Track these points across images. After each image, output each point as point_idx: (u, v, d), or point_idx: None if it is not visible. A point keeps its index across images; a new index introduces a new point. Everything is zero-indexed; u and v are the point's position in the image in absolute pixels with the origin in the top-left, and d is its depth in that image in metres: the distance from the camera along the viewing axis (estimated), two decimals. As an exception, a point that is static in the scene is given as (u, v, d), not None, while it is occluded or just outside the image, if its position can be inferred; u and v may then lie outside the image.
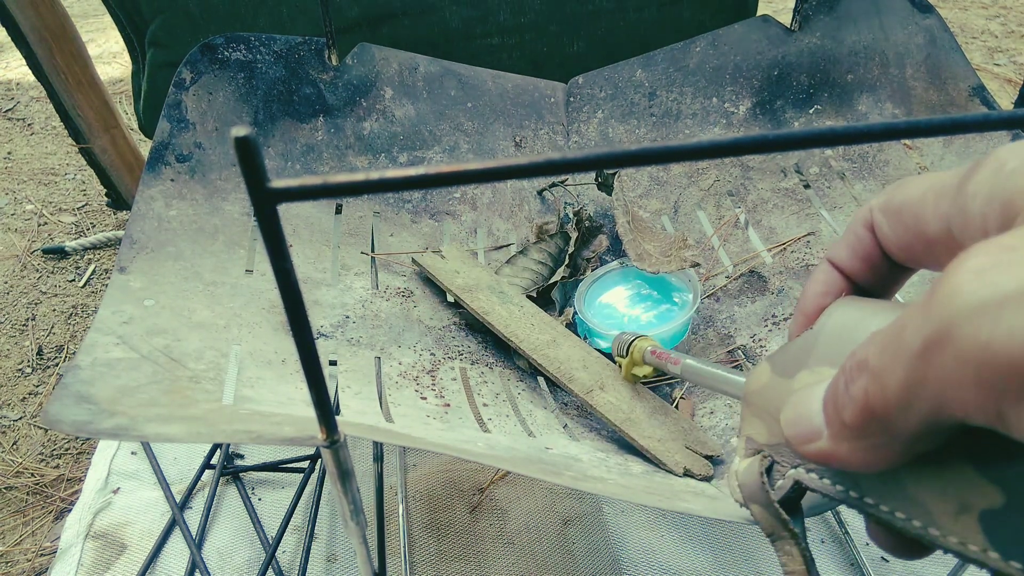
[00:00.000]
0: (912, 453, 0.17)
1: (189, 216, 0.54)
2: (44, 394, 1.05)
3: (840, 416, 0.18)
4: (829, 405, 0.19)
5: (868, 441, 0.17)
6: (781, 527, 0.22)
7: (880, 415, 0.17)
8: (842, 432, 0.18)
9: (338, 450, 0.22)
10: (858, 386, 0.17)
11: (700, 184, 0.70)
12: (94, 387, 0.34)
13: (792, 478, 0.22)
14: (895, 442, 0.17)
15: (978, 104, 0.62)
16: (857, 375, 0.17)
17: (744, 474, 0.23)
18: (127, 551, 0.55)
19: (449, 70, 0.70)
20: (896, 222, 0.22)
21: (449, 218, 0.67)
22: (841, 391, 0.18)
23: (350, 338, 0.52)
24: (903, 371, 0.16)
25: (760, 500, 0.22)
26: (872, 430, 0.17)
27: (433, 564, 0.54)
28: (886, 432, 0.17)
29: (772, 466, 0.22)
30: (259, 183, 0.15)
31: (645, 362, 0.45)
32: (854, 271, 0.24)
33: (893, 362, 0.16)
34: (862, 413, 0.17)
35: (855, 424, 0.17)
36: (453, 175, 0.15)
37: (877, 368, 0.16)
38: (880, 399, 0.16)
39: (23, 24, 0.95)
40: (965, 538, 0.17)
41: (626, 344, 0.47)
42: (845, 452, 0.18)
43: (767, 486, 0.22)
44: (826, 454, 0.19)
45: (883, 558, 0.54)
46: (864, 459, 0.18)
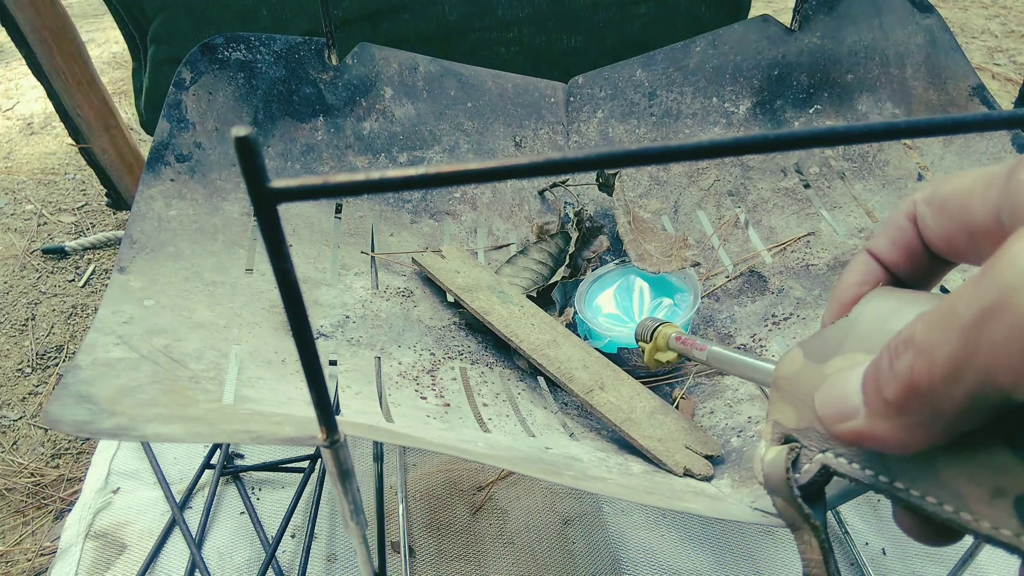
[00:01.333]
0: (951, 433, 0.17)
1: (189, 216, 0.54)
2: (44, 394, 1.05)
3: (881, 394, 0.18)
4: (869, 383, 0.19)
5: (908, 419, 0.17)
6: (802, 520, 0.22)
7: (925, 391, 0.16)
8: (882, 410, 0.18)
9: (338, 450, 0.22)
10: (903, 362, 0.17)
11: (700, 184, 0.70)
12: (94, 387, 0.34)
13: (820, 462, 0.22)
14: (936, 420, 0.17)
15: (978, 104, 0.62)
16: (903, 351, 0.17)
17: (770, 464, 0.23)
18: (127, 551, 0.55)
19: (449, 70, 0.70)
20: (940, 213, 0.22)
21: (449, 218, 0.67)
22: (884, 369, 0.18)
23: (350, 338, 0.52)
24: (953, 344, 0.15)
25: (783, 493, 0.22)
26: (914, 407, 0.17)
27: (433, 564, 0.54)
28: (928, 410, 0.17)
29: (799, 457, 0.22)
30: (259, 183, 0.15)
31: (669, 348, 0.45)
32: (894, 262, 0.24)
33: (943, 336, 0.16)
34: (906, 390, 0.17)
35: (897, 401, 0.17)
36: (453, 175, 0.15)
37: (925, 343, 0.16)
38: (926, 374, 0.16)
39: (23, 24, 0.95)
40: (998, 523, 0.17)
41: (650, 330, 0.47)
42: (882, 431, 0.18)
43: (792, 480, 0.22)
44: (862, 433, 0.19)
45: (883, 551, 0.54)
46: (901, 438, 0.18)
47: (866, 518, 0.57)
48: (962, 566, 0.45)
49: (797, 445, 0.22)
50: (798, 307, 0.57)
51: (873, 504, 0.58)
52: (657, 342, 0.46)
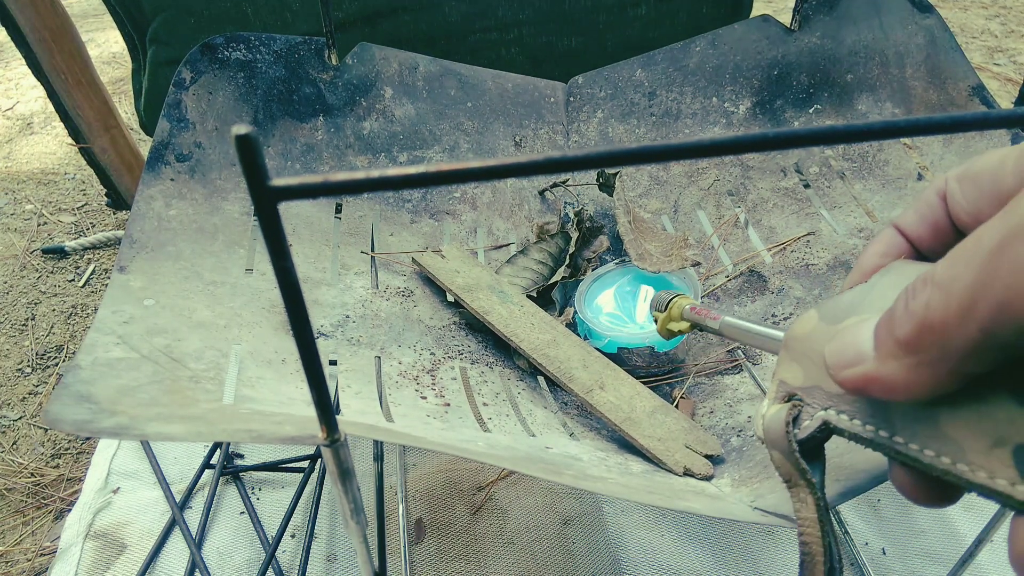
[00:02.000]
0: (959, 375, 0.17)
1: (189, 216, 0.54)
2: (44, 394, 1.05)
3: (893, 334, 0.18)
4: (882, 327, 0.19)
5: (918, 358, 0.17)
6: (799, 475, 0.22)
7: (938, 327, 0.16)
8: (892, 350, 0.18)
9: (338, 449, 0.22)
10: (920, 299, 0.17)
11: (700, 184, 0.70)
12: (94, 387, 0.34)
13: (821, 419, 0.22)
14: (946, 359, 0.17)
15: (978, 104, 0.62)
16: (921, 289, 0.17)
17: (771, 419, 0.23)
18: (127, 551, 0.55)
19: (449, 70, 0.70)
20: (971, 187, 0.22)
21: (449, 218, 0.67)
22: (899, 310, 0.18)
23: (350, 338, 0.52)
24: (973, 272, 0.16)
25: (782, 447, 0.22)
26: (925, 345, 0.17)
27: (433, 564, 0.54)
28: (939, 347, 0.17)
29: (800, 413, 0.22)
30: (260, 182, 0.15)
31: (683, 318, 0.45)
32: (919, 236, 0.24)
33: (964, 267, 0.16)
34: (919, 326, 0.17)
35: (909, 338, 0.17)
36: (454, 173, 0.15)
37: (944, 278, 0.16)
38: (941, 308, 0.16)
39: (23, 24, 0.95)
40: (994, 472, 0.17)
41: (665, 301, 0.47)
42: (889, 372, 0.18)
43: (791, 434, 0.22)
44: (868, 377, 0.19)
45: (883, 551, 0.54)
46: (909, 380, 0.18)
47: (866, 518, 0.57)
48: (962, 566, 0.45)
49: (799, 402, 0.22)
50: (798, 307, 0.57)
51: (873, 504, 0.58)
52: (671, 312, 0.46)
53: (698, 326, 0.44)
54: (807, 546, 0.22)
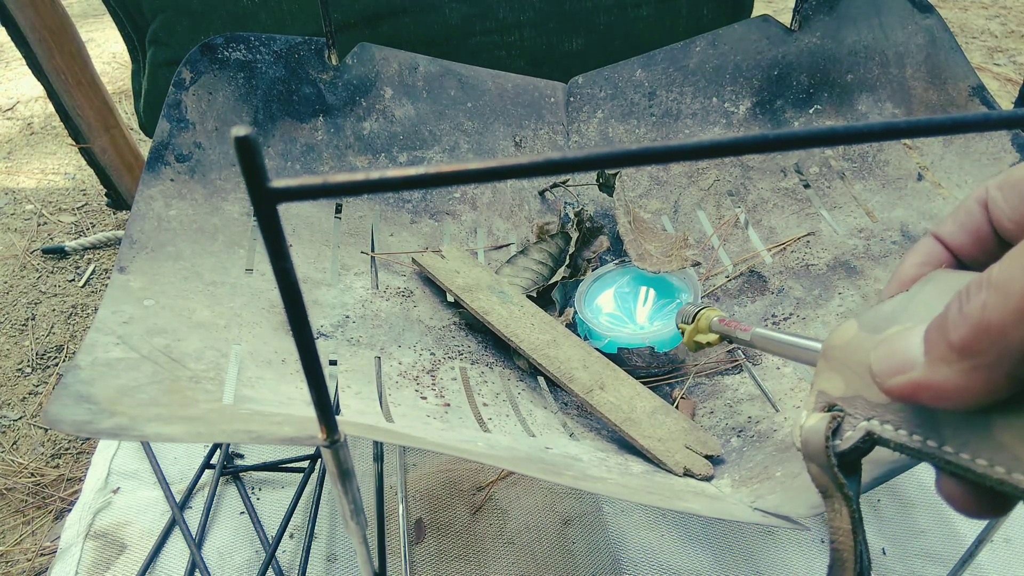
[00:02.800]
0: (1014, 380, 0.17)
1: (189, 216, 0.54)
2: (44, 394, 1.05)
3: (947, 337, 0.17)
4: (933, 332, 0.18)
5: (972, 362, 0.17)
6: (836, 488, 0.22)
7: (996, 328, 0.16)
8: (945, 355, 0.18)
9: (338, 450, 0.22)
10: (976, 302, 0.17)
11: (700, 184, 0.70)
12: (94, 387, 0.34)
13: (864, 429, 0.21)
14: (1002, 362, 0.16)
15: (978, 104, 0.62)
16: (976, 292, 0.17)
17: (809, 430, 0.22)
18: (127, 551, 0.55)
19: (449, 70, 0.70)
20: (1013, 194, 0.22)
21: (449, 218, 0.67)
22: (953, 313, 0.17)
23: (350, 338, 0.52)
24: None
25: (819, 461, 0.22)
26: (981, 348, 0.17)
27: (433, 564, 0.54)
28: (996, 350, 0.16)
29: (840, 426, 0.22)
30: (259, 183, 0.15)
31: (712, 330, 0.45)
32: (960, 244, 0.24)
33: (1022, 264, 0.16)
34: (975, 329, 0.17)
35: (964, 342, 0.17)
36: (453, 175, 0.15)
37: (1002, 279, 0.16)
38: (999, 309, 0.16)
39: (23, 24, 0.95)
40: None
41: (692, 314, 0.47)
42: (941, 378, 0.18)
43: (831, 448, 0.22)
44: (918, 384, 0.18)
45: (883, 551, 0.54)
46: (961, 385, 0.17)
47: (866, 518, 0.57)
48: (962, 566, 0.45)
49: (840, 413, 0.22)
50: (798, 307, 0.57)
51: (873, 504, 0.58)
52: (699, 324, 0.46)
53: (727, 338, 0.43)
54: (839, 552, 0.22)
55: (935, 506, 0.57)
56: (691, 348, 0.47)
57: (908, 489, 0.59)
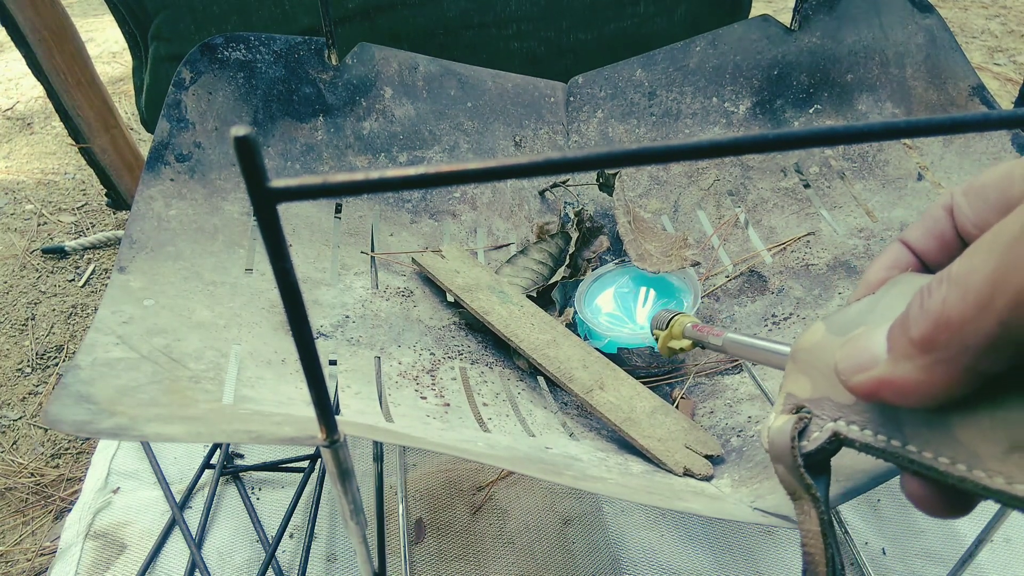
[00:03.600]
0: (974, 374, 0.17)
1: (189, 216, 0.54)
2: (44, 394, 1.05)
3: (908, 333, 0.18)
4: (896, 329, 0.18)
5: (933, 357, 0.17)
6: (803, 490, 0.22)
7: (955, 322, 0.16)
8: (906, 350, 0.18)
9: (338, 450, 0.22)
10: (936, 297, 0.17)
11: (700, 184, 0.70)
12: (94, 387, 0.34)
13: (830, 430, 0.21)
14: (962, 356, 0.16)
15: (978, 104, 0.62)
16: (936, 288, 0.17)
17: (776, 432, 0.23)
18: (127, 551, 0.55)
19: (449, 70, 0.70)
20: (977, 199, 0.22)
21: (449, 218, 0.67)
22: (914, 310, 0.18)
23: (350, 338, 0.52)
24: (992, 264, 0.15)
25: (786, 462, 0.22)
26: (941, 343, 0.17)
27: (433, 564, 0.54)
28: (955, 344, 0.16)
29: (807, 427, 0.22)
30: (259, 183, 0.15)
31: (685, 336, 0.45)
32: (926, 249, 0.24)
33: (982, 260, 0.16)
34: (935, 324, 0.17)
35: (925, 336, 0.17)
36: (453, 175, 0.15)
37: (961, 272, 0.16)
38: (958, 304, 0.16)
39: (23, 23, 0.95)
40: (1012, 477, 0.16)
41: (666, 320, 0.47)
42: (903, 374, 0.18)
43: (796, 448, 0.22)
44: (881, 380, 0.18)
45: (883, 551, 0.54)
46: (922, 381, 0.17)
47: (866, 518, 0.57)
48: (962, 566, 0.45)
49: (807, 415, 0.22)
50: (798, 307, 0.57)
51: (873, 504, 0.58)
52: (672, 330, 0.46)
53: (700, 344, 0.44)
54: (810, 556, 0.22)
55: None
56: (665, 354, 0.48)
57: (908, 489, 0.59)
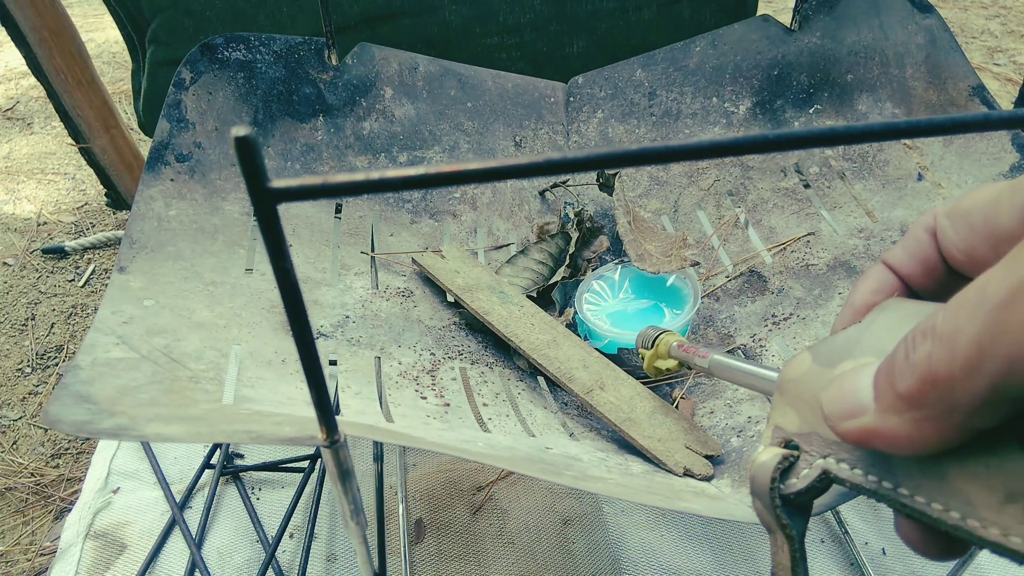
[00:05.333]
0: (966, 430, 0.16)
1: (189, 216, 0.54)
2: (44, 394, 1.05)
3: (894, 387, 0.17)
4: (882, 377, 0.18)
5: (921, 413, 0.16)
6: (778, 528, 0.22)
7: (943, 381, 0.16)
8: (894, 404, 0.17)
9: (338, 450, 0.22)
10: (921, 352, 0.16)
11: (700, 184, 0.70)
12: (94, 387, 0.34)
13: (820, 467, 0.21)
14: (952, 415, 0.16)
15: (978, 104, 0.62)
16: (921, 341, 0.16)
17: (759, 467, 0.22)
18: (127, 551, 0.55)
19: (449, 70, 0.70)
20: (962, 224, 0.21)
21: (449, 218, 0.67)
22: (900, 360, 0.17)
23: (350, 338, 0.52)
24: (979, 327, 0.15)
25: (764, 500, 0.22)
26: (929, 400, 0.16)
27: (433, 564, 0.54)
28: (944, 403, 0.16)
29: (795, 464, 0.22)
30: (259, 183, 0.15)
31: (671, 355, 0.45)
32: (910, 273, 0.23)
33: (968, 320, 0.15)
34: (922, 380, 0.16)
35: (911, 393, 0.16)
36: (454, 175, 0.15)
37: (947, 330, 0.16)
38: (946, 363, 0.15)
39: (22, 23, 0.95)
40: (1008, 529, 0.16)
41: (651, 338, 0.47)
42: (892, 427, 0.17)
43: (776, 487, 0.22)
44: (869, 431, 0.18)
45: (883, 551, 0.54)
46: (912, 435, 0.17)
47: (866, 518, 0.57)
48: (962, 566, 0.45)
49: (793, 452, 0.22)
50: (798, 307, 0.57)
51: (873, 504, 0.58)
52: (658, 349, 0.46)
53: (686, 364, 0.43)
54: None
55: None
56: (651, 374, 0.47)
57: (908, 489, 0.59)
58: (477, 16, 0.83)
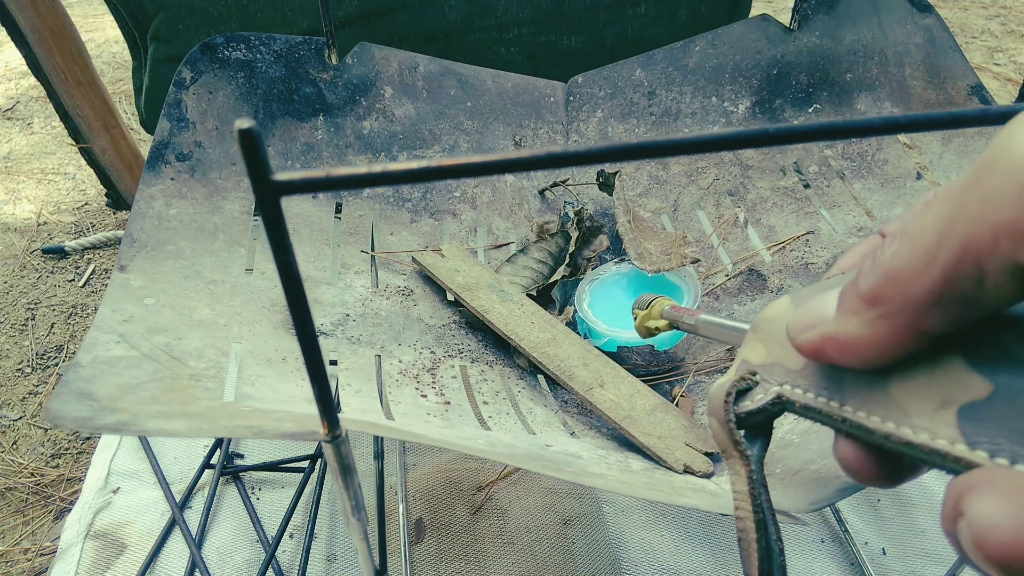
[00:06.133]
0: (916, 331, 0.17)
1: (189, 215, 0.54)
2: (44, 394, 1.05)
3: (857, 289, 0.18)
4: (848, 287, 0.18)
5: (878, 311, 0.17)
6: (733, 446, 0.22)
7: (903, 275, 0.16)
8: (854, 305, 0.18)
9: (340, 445, 0.22)
10: (887, 251, 0.17)
11: (699, 183, 0.70)
12: (95, 385, 0.34)
13: (775, 392, 0.22)
14: (906, 310, 0.16)
15: (977, 103, 0.63)
16: (889, 243, 0.17)
17: (715, 388, 0.23)
18: (127, 551, 0.55)
19: (449, 69, 0.70)
20: None
21: (449, 217, 0.67)
22: (866, 266, 0.17)
23: (350, 336, 0.52)
24: (941, 213, 0.15)
25: (719, 415, 0.23)
26: (886, 296, 0.17)
27: (433, 564, 0.54)
28: (900, 297, 0.16)
29: (751, 389, 0.22)
30: (262, 176, 0.15)
31: (663, 316, 0.47)
32: None
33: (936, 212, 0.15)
34: (884, 276, 0.17)
35: (872, 289, 0.17)
36: (455, 168, 0.15)
37: (914, 227, 0.16)
38: (907, 257, 0.16)
39: (22, 23, 0.95)
40: (936, 432, 0.16)
41: (647, 301, 0.49)
42: (848, 328, 0.18)
43: (729, 403, 0.22)
44: (825, 336, 0.18)
45: (883, 551, 0.54)
46: (865, 335, 0.17)
47: (866, 518, 0.57)
48: (961, 565, 0.45)
49: (752, 377, 0.23)
50: (798, 306, 0.57)
51: (873, 504, 0.58)
52: (652, 310, 0.48)
53: (675, 324, 0.45)
54: (741, 521, 0.22)
55: (935, 506, 0.57)
56: (641, 333, 0.49)
57: (908, 489, 0.59)
58: (476, 11, 0.83)
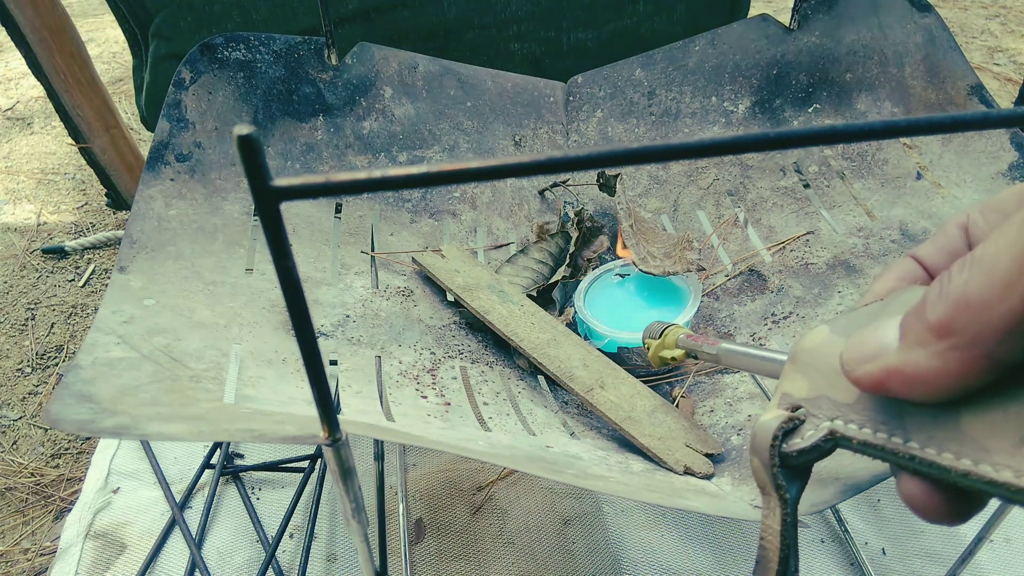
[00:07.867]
0: (990, 361, 0.16)
1: (189, 215, 0.54)
2: (44, 394, 1.05)
3: (924, 319, 0.17)
4: (911, 316, 0.17)
5: (950, 342, 0.16)
6: (773, 488, 0.22)
7: (977, 304, 0.15)
8: (921, 336, 0.17)
9: (340, 448, 0.22)
10: (958, 281, 0.16)
11: (699, 183, 0.70)
12: (95, 386, 0.34)
13: (827, 428, 0.20)
14: (979, 342, 0.16)
15: (976, 103, 0.63)
16: (958, 271, 0.16)
17: (761, 425, 0.22)
18: (127, 551, 0.55)
19: (449, 69, 0.70)
20: (994, 213, 0.22)
21: (449, 217, 0.67)
22: (932, 295, 0.17)
23: (350, 337, 0.52)
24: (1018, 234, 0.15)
25: (762, 457, 0.22)
26: (959, 326, 0.16)
27: (433, 564, 0.54)
28: (974, 326, 0.15)
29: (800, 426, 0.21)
30: (262, 181, 0.15)
31: (678, 345, 0.44)
32: (937, 264, 0.24)
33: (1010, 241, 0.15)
34: (955, 305, 0.16)
35: (943, 320, 0.16)
36: (455, 173, 0.15)
37: (986, 255, 0.15)
38: (982, 285, 0.15)
39: (23, 23, 0.95)
40: (1022, 470, 0.15)
41: (659, 331, 0.47)
42: (914, 361, 0.17)
43: (776, 446, 0.21)
44: (889, 370, 0.17)
45: (883, 551, 0.54)
46: (936, 368, 0.16)
47: (866, 518, 0.57)
48: (961, 564, 0.45)
49: (799, 415, 0.22)
50: (797, 306, 0.57)
51: (873, 504, 0.58)
52: (665, 340, 0.45)
53: (693, 354, 0.43)
54: (764, 551, 0.22)
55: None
56: (655, 364, 0.47)
57: (908, 488, 0.59)
58: (475, 8, 0.83)
